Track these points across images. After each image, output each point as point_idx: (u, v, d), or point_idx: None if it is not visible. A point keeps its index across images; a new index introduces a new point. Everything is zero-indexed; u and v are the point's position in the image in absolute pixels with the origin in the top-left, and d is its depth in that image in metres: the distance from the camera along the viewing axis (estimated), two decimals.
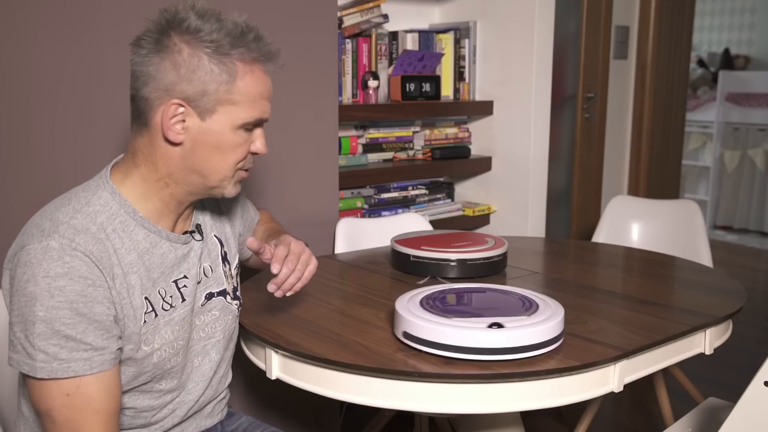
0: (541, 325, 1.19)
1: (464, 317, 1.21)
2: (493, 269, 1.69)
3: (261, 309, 1.47)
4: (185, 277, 1.16)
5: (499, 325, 1.18)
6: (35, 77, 1.54)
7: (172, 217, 1.14)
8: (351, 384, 1.22)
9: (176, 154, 1.08)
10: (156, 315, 1.11)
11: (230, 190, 1.14)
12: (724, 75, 5.42)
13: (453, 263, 1.66)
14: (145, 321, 1.09)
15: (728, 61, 5.95)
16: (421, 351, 1.21)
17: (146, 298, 1.09)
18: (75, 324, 0.98)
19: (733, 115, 5.37)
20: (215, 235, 1.26)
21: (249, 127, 1.10)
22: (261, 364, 1.38)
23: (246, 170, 1.15)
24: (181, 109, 1.05)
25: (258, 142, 1.13)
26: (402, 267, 1.72)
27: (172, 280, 1.14)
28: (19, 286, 0.99)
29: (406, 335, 1.22)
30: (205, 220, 1.24)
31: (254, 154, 1.14)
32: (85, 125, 1.61)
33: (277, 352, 1.31)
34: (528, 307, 1.28)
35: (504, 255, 1.72)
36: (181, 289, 1.15)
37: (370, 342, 1.27)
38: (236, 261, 1.31)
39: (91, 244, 1.02)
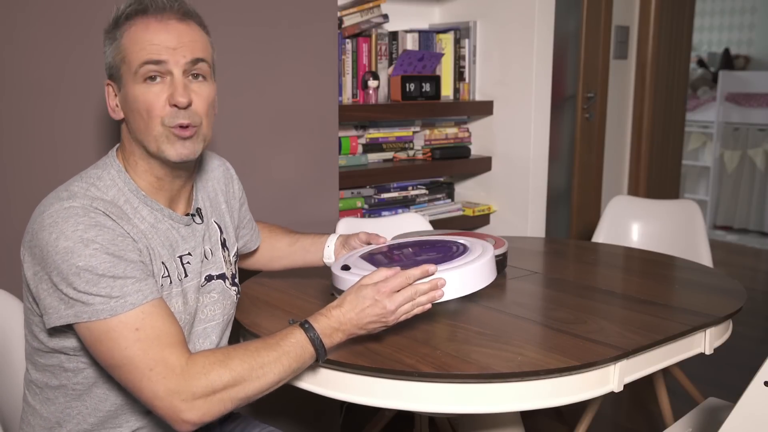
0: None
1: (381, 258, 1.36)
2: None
3: (261, 308, 1.47)
4: (190, 254, 1.21)
5: (347, 267, 1.32)
6: (36, 77, 1.54)
7: (164, 195, 1.20)
8: (351, 384, 1.22)
9: (125, 129, 1.17)
10: (171, 282, 1.16)
11: (170, 152, 1.13)
12: (724, 75, 5.42)
13: None
14: (162, 285, 1.14)
15: (728, 61, 5.95)
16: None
17: (163, 262, 1.15)
18: (115, 265, 1.03)
19: (733, 115, 5.37)
20: (215, 221, 1.31)
21: (149, 75, 1.10)
22: None
23: (181, 127, 1.12)
24: (110, 88, 1.16)
25: (174, 92, 1.10)
26: None
27: (178, 255, 1.19)
28: (49, 246, 1.02)
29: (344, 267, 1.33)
30: (205, 205, 1.30)
31: (174, 106, 1.11)
32: (85, 125, 1.61)
33: None
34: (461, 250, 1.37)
35: (504, 255, 1.72)
36: (184, 266, 1.20)
37: (370, 342, 1.27)
38: (235, 249, 1.36)
39: (109, 208, 1.08)
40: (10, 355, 1.33)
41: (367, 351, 1.23)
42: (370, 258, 1.39)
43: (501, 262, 1.71)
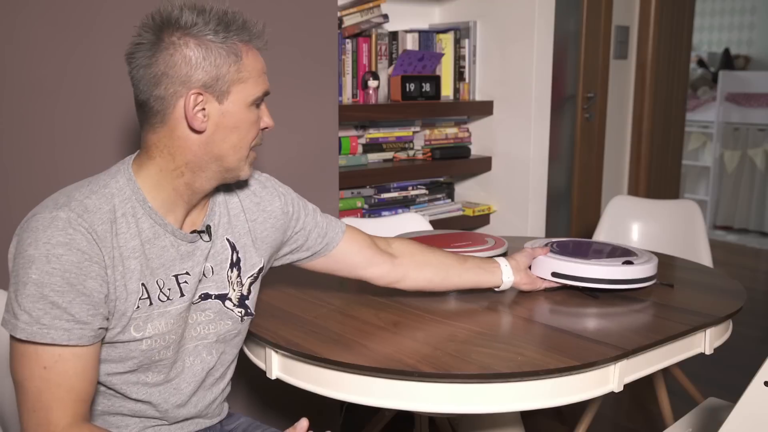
0: (652, 262, 1.57)
1: (600, 258, 1.57)
2: None
3: (261, 309, 1.47)
4: (187, 273, 1.17)
5: (630, 262, 1.54)
6: (36, 78, 1.54)
7: (183, 207, 1.16)
8: (351, 384, 1.22)
9: (195, 142, 1.12)
10: (151, 303, 1.12)
11: (246, 171, 1.19)
12: (724, 75, 5.42)
13: None
14: (138, 306, 1.11)
15: (728, 61, 5.95)
16: (567, 286, 1.55)
17: (143, 284, 1.11)
18: (64, 292, 1.01)
19: (733, 115, 5.37)
20: (227, 239, 1.24)
21: (258, 102, 1.17)
22: (261, 364, 1.38)
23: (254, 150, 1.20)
24: (201, 98, 1.10)
25: (265, 117, 1.20)
26: None
27: (173, 274, 1.15)
28: (21, 248, 1.03)
29: (555, 274, 1.54)
30: (221, 222, 1.24)
31: (263, 129, 1.20)
32: (85, 126, 1.61)
33: (277, 352, 1.31)
34: (627, 251, 1.64)
35: (504, 255, 1.72)
36: (181, 285, 1.16)
37: (370, 342, 1.27)
38: (254, 271, 1.28)
39: (97, 224, 1.06)
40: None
41: (367, 351, 1.24)
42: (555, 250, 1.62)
43: None
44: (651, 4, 3.55)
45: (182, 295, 1.16)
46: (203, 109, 1.10)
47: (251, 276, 1.28)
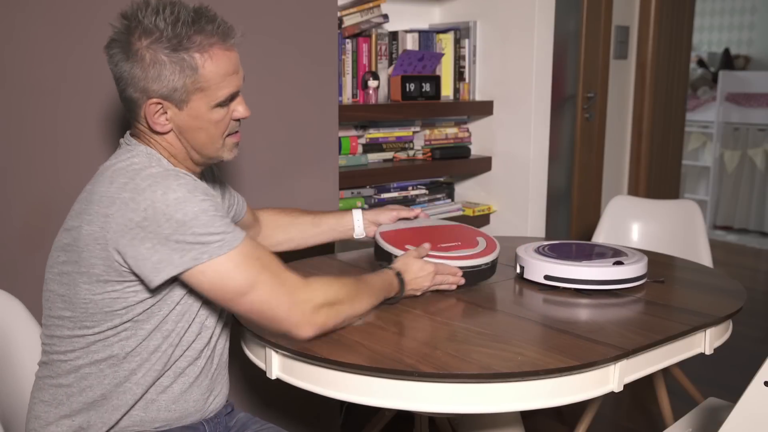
0: (643, 261, 1.59)
1: (589, 260, 1.59)
2: (476, 278, 1.57)
3: None
4: None
5: (620, 263, 1.56)
6: (36, 77, 1.54)
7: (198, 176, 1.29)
8: (351, 384, 1.22)
9: (172, 138, 1.22)
10: None
11: (227, 155, 1.28)
12: (724, 75, 5.42)
13: None
14: None
15: (728, 61, 5.95)
16: (560, 288, 1.56)
17: None
18: (216, 206, 1.13)
19: (733, 115, 5.37)
20: None
21: (224, 103, 1.21)
22: (261, 364, 1.38)
23: (235, 134, 1.27)
24: (160, 106, 1.17)
25: (239, 107, 1.24)
26: (387, 259, 1.62)
27: None
28: (158, 202, 1.08)
29: (548, 277, 1.55)
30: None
31: (237, 120, 1.25)
32: (86, 126, 1.61)
33: (277, 351, 1.31)
34: (617, 252, 1.66)
35: (492, 263, 1.59)
36: None
37: (370, 342, 1.27)
38: None
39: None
40: (11, 355, 1.33)
41: (367, 351, 1.23)
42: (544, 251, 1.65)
43: (488, 270, 1.59)
44: (651, 4, 3.55)
45: None
46: (165, 113, 1.17)
47: None
